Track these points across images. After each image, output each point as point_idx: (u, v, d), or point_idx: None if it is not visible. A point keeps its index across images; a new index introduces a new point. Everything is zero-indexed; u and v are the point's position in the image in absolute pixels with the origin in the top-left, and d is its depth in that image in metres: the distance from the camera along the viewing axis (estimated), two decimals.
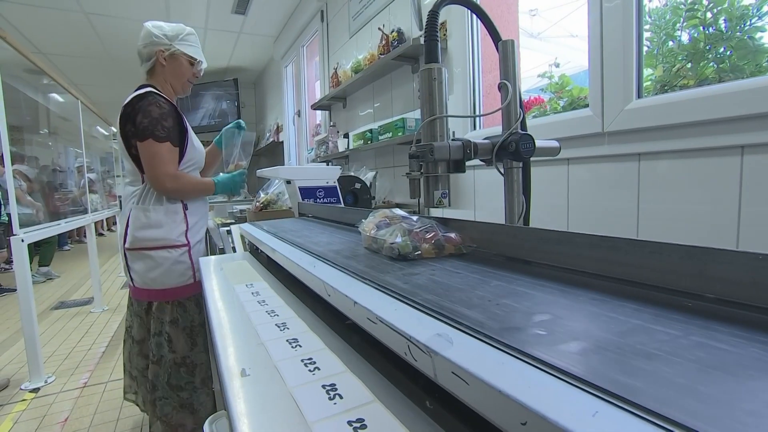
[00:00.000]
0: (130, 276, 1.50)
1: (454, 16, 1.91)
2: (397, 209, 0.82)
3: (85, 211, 3.85)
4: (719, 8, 1.25)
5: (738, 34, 1.23)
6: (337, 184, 1.89)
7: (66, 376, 2.41)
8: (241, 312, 0.69)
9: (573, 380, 0.26)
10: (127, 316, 1.60)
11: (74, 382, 2.32)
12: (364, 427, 0.34)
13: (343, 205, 1.89)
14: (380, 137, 2.30)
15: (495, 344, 0.32)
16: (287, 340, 0.55)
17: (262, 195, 1.95)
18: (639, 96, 1.19)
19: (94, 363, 2.58)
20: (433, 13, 0.70)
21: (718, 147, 1.01)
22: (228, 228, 1.76)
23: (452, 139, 0.70)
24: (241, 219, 2.18)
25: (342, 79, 2.98)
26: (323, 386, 0.41)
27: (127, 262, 1.49)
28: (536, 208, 1.47)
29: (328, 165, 3.20)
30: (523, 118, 0.77)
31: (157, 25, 1.51)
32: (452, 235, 0.69)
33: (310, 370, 0.45)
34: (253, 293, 0.82)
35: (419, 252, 0.66)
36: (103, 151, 6.59)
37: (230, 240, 1.64)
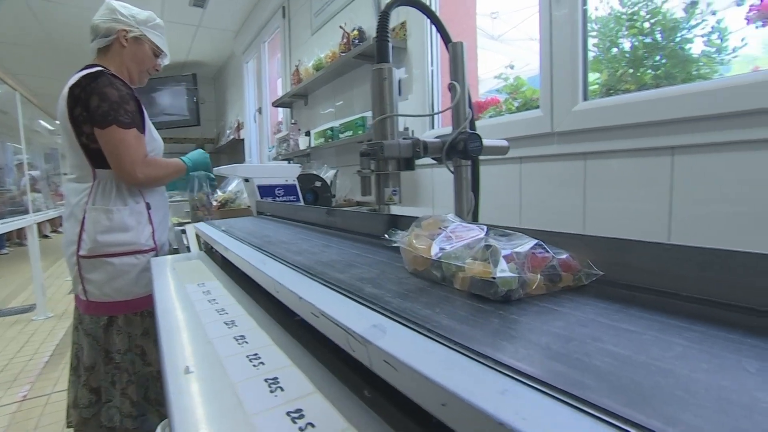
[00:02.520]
0: (84, 288, 1.28)
1: (413, 17, 1.94)
2: (451, 215, 0.60)
3: (25, 212, 3.61)
4: (655, 19, 1.34)
5: (671, 44, 1.32)
6: (296, 182, 1.88)
7: (2, 390, 2.25)
8: (190, 311, 0.68)
9: (490, 363, 0.28)
10: (75, 338, 1.36)
11: (11, 396, 2.16)
12: (302, 417, 0.35)
13: (303, 204, 1.88)
14: (341, 135, 2.30)
15: (425, 333, 0.34)
16: (234, 337, 0.54)
17: (219, 193, 1.90)
18: (585, 98, 1.26)
19: (36, 374, 2.42)
20: (384, 14, 0.71)
21: (653, 148, 1.09)
22: (183, 228, 1.71)
23: (403, 138, 0.72)
24: (198, 218, 2.12)
25: (303, 77, 2.95)
26: (266, 380, 0.42)
27: (80, 273, 1.28)
28: (492, 206, 1.52)
29: (289, 163, 3.16)
30: (472, 117, 0.80)
31: (125, 5, 1.39)
32: (566, 256, 0.46)
33: (254, 365, 0.45)
34: (204, 292, 0.80)
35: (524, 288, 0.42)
36: (48, 146, 6.19)
37: (185, 240, 1.60)
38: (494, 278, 0.41)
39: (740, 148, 0.96)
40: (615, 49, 1.51)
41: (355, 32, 2.31)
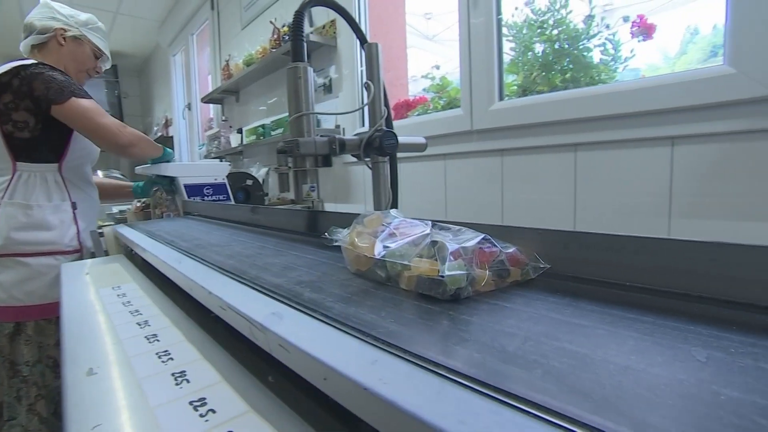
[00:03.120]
0: None
1: None
2: (394, 210, 0.59)
3: None
4: (560, 28, 1.46)
5: (575, 51, 1.45)
6: (226, 180, 1.83)
7: None
8: (102, 314, 0.65)
9: (369, 339, 0.31)
10: None
11: None
12: (204, 404, 0.36)
13: (233, 203, 1.84)
14: (273, 133, 2.27)
15: (318, 317, 0.36)
16: (146, 337, 0.54)
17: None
18: (501, 98, 1.35)
19: None
20: (298, 14, 0.73)
21: (559, 144, 1.20)
22: (101, 230, 1.60)
23: (321, 135, 0.74)
24: (121, 220, 2.00)
25: (234, 72, 2.87)
26: (173, 374, 0.42)
27: None
28: (420, 201, 1.59)
29: (221, 161, 3.05)
30: (389, 115, 0.83)
31: (63, 6, 1.36)
32: (513, 250, 0.46)
33: (163, 361, 0.45)
34: (119, 295, 0.77)
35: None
36: None
37: (102, 243, 1.50)
38: (442, 276, 0.39)
39: (629, 145, 1.09)
40: (530, 54, 1.63)
41: (285, 28, 2.28)
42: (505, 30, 1.59)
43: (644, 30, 1.29)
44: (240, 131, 2.78)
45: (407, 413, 0.21)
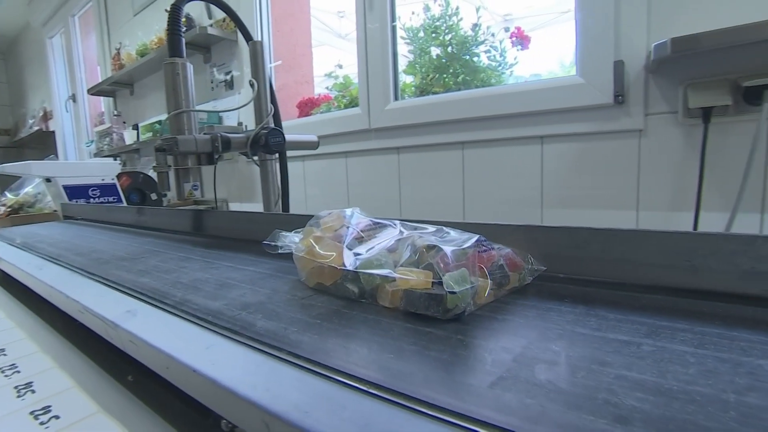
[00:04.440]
0: None
1: (243, 10, 1.90)
2: (350, 209, 0.50)
3: None
4: (451, 34, 1.58)
5: (465, 56, 1.57)
6: (116, 181, 1.69)
7: None
8: None
9: (214, 327, 0.33)
10: None
11: None
12: (47, 412, 0.35)
13: (125, 204, 1.70)
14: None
15: (170, 311, 0.37)
16: None
17: (8, 196, 1.59)
18: (396, 98, 1.42)
19: None
20: (176, 8, 0.71)
21: (449, 142, 1.29)
22: None
23: (204, 133, 0.73)
24: None
25: (126, 62, 2.63)
26: (16, 387, 0.39)
27: None
28: (324, 197, 1.61)
29: (115, 159, 2.79)
30: (276, 113, 0.84)
31: None
32: (509, 251, 0.39)
33: (6, 376, 0.42)
34: None
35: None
36: None
37: None
38: (446, 291, 0.31)
39: (508, 143, 1.21)
40: (426, 57, 1.73)
41: (183, 19, 2.15)
42: (403, 33, 1.67)
43: (521, 40, 1.44)
44: (135, 127, 2.56)
45: (223, 387, 0.23)
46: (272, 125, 0.83)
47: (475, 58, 1.54)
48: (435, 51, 1.68)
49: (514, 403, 0.21)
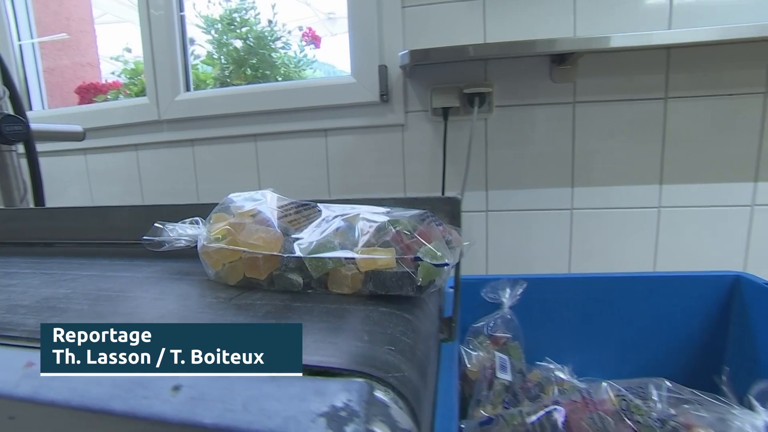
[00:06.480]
0: None
1: None
2: (265, 191, 0.45)
3: None
4: (246, 28, 1.59)
5: (262, 50, 1.61)
6: None
7: None
8: None
9: None
10: None
11: None
12: None
13: None
14: None
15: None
16: None
17: None
18: (188, 89, 1.38)
19: None
20: None
21: (243, 135, 1.32)
22: None
23: None
24: None
25: None
26: None
27: None
28: (122, 196, 1.46)
29: None
30: (15, 97, 0.75)
31: None
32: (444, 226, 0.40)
33: None
34: None
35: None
36: None
37: None
38: (435, 265, 0.31)
39: (297, 136, 1.30)
40: (226, 49, 1.70)
41: None
42: (200, 21, 1.62)
43: (312, 40, 1.55)
44: None
45: None
46: (10, 112, 0.74)
47: (274, 54, 1.59)
48: (238, 44, 1.68)
49: None
